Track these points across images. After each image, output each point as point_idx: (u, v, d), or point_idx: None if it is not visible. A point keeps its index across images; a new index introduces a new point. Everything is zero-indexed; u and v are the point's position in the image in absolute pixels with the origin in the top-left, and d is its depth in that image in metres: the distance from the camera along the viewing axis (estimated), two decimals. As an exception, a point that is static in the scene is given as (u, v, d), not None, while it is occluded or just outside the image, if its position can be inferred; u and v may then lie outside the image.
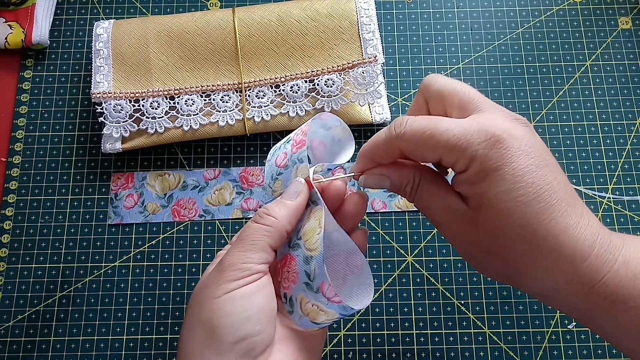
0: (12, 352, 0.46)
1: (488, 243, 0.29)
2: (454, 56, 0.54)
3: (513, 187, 0.28)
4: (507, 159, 0.28)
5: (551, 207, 0.28)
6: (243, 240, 0.31)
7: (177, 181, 0.51)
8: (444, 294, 0.48)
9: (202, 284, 0.32)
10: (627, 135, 0.52)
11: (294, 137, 0.34)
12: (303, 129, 0.34)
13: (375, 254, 0.49)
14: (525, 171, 0.28)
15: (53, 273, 0.48)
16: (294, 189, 0.33)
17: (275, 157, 0.35)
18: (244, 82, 0.49)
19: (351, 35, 0.50)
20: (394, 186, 0.32)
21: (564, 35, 0.55)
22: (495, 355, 0.46)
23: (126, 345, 0.47)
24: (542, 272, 0.28)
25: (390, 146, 0.31)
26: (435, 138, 0.28)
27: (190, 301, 0.32)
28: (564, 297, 0.29)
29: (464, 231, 0.30)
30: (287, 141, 0.35)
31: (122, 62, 0.50)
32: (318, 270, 0.31)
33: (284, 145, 0.35)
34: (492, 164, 0.28)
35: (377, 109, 0.51)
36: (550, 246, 0.28)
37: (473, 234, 0.30)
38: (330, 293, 0.31)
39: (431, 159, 0.30)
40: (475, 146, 0.28)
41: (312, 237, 0.32)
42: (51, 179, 0.51)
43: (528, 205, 0.28)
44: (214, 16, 0.50)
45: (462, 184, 0.29)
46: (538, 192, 0.28)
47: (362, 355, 0.46)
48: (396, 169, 0.32)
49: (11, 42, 0.53)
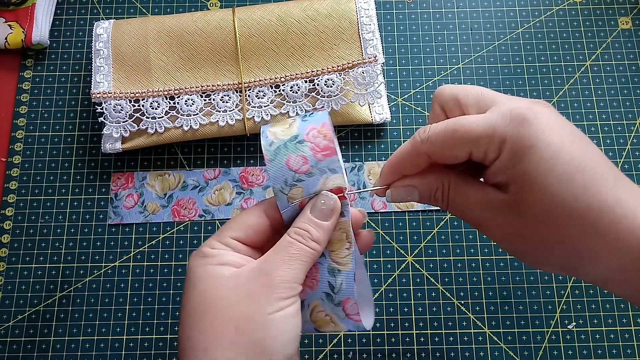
0: (12, 352, 0.46)
1: (538, 231, 0.28)
2: (454, 56, 0.54)
3: (553, 162, 0.27)
4: (538, 134, 0.27)
5: (598, 180, 0.26)
6: (293, 259, 0.31)
7: (177, 181, 0.51)
8: (444, 294, 0.48)
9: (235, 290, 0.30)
10: (627, 135, 0.52)
11: (312, 140, 0.31)
12: (321, 131, 0.32)
13: (375, 254, 0.49)
14: (560, 146, 0.27)
15: (53, 273, 0.48)
16: (329, 208, 0.31)
17: (285, 158, 0.31)
18: (244, 82, 0.49)
19: (351, 35, 0.50)
20: (423, 196, 0.31)
21: (564, 35, 0.55)
22: (495, 355, 0.46)
23: (126, 345, 0.47)
24: (604, 252, 0.27)
25: (416, 154, 0.31)
26: (461, 132, 0.28)
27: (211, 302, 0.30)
28: (631, 277, 0.27)
29: (510, 224, 0.28)
30: (299, 142, 0.31)
31: (122, 62, 0.50)
32: (346, 285, 0.31)
33: (296, 146, 0.31)
34: (524, 141, 0.27)
35: (377, 109, 0.51)
36: (607, 221, 0.26)
37: (520, 224, 0.28)
38: (353, 310, 0.31)
39: (461, 156, 0.29)
40: (503, 128, 0.27)
41: (341, 251, 0.31)
42: (51, 179, 0.51)
43: (573, 180, 0.26)
44: (214, 16, 0.50)
45: (499, 172, 0.28)
46: (580, 165, 0.27)
47: (362, 355, 0.46)
48: (423, 177, 0.31)
49: (11, 42, 0.53)
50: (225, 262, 0.31)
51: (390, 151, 0.51)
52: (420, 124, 0.52)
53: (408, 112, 0.53)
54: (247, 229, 0.33)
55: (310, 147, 0.31)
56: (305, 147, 0.31)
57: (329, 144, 0.31)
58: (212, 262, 0.31)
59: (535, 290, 0.48)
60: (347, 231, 0.32)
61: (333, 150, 0.31)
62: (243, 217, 0.33)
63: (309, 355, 0.46)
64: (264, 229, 0.33)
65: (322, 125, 0.32)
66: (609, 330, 0.47)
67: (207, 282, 0.31)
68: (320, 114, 0.33)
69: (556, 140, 0.27)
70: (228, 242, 0.32)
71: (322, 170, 0.31)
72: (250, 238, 0.33)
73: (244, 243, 0.33)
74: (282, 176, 0.31)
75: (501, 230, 0.29)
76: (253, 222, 0.33)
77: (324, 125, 0.32)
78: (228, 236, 0.32)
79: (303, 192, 0.31)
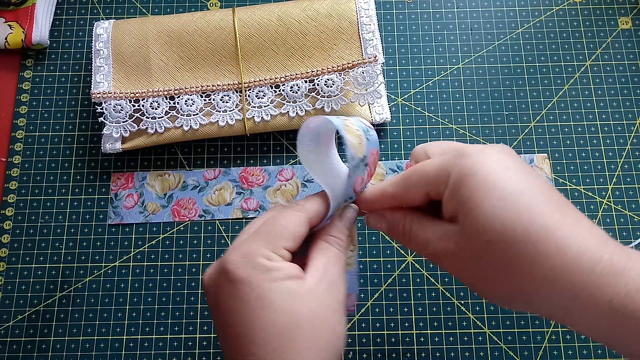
0: (12, 352, 0.46)
1: (485, 261, 0.28)
2: (454, 56, 0.54)
3: (492, 185, 0.27)
4: (479, 164, 0.28)
5: (536, 207, 0.27)
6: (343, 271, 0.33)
7: (177, 181, 0.51)
8: (444, 294, 0.48)
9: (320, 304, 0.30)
10: (627, 135, 0.52)
11: (371, 165, 0.33)
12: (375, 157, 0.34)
13: (375, 254, 0.49)
14: (501, 173, 0.28)
15: (53, 273, 0.48)
16: (353, 219, 0.35)
17: (355, 178, 0.33)
18: (244, 82, 0.49)
19: (351, 35, 0.50)
20: (389, 227, 0.34)
21: (564, 35, 0.55)
22: (495, 355, 0.46)
23: (126, 345, 0.47)
24: (544, 284, 0.26)
25: (383, 196, 0.33)
26: (416, 174, 0.31)
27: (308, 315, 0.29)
28: (577, 316, 0.26)
29: (462, 256, 0.29)
30: (365, 164, 0.33)
31: (122, 62, 0.50)
32: (350, 283, 0.34)
33: (364, 169, 0.33)
34: (465, 170, 0.28)
35: (377, 109, 0.51)
36: (545, 250, 0.26)
37: (470, 254, 0.28)
38: (351, 303, 0.34)
39: (419, 196, 0.32)
40: (448, 162, 0.29)
41: (347, 252, 0.34)
42: (51, 179, 0.51)
43: (509, 205, 0.27)
44: (214, 16, 0.50)
45: (447, 203, 0.29)
46: (518, 191, 0.27)
47: (362, 355, 0.46)
48: (393, 212, 0.34)
49: (11, 42, 0.53)
50: (291, 275, 0.30)
51: (390, 151, 0.51)
52: (420, 124, 0.52)
53: (408, 112, 0.53)
54: (298, 239, 0.31)
55: (368, 173, 0.33)
56: (366, 171, 0.33)
57: (373, 171, 0.34)
58: (280, 277, 0.29)
59: (535, 290, 0.48)
60: (353, 235, 0.35)
61: (372, 176, 0.34)
62: (292, 226, 0.31)
63: (309, 355, 0.46)
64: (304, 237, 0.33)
65: (376, 152, 0.34)
66: (609, 330, 0.47)
67: (286, 299, 0.29)
68: (375, 136, 0.34)
69: (498, 169, 0.28)
70: (283, 255, 0.30)
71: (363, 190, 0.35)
72: (297, 247, 0.32)
73: (291, 252, 0.31)
74: (348, 194, 0.34)
75: (455, 261, 0.30)
76: (303, 233, 0.32)
77: (377, 153, 0.34)
78: (282, 247, 0.30)
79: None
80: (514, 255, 0.26)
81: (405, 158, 0.51)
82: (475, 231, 0.27)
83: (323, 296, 0.30)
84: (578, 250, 0.26)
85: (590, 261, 0.25)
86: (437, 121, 0.52)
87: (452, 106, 0.53)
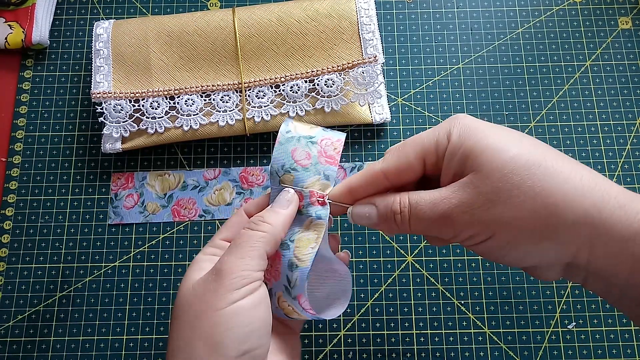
0: (12, 352, 0.46)
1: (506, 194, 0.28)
2: (454, 56, 0.54)
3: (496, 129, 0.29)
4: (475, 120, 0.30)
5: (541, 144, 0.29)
6: (240, 247, 0.31)
7: (177, 181, 0.51)
8: (444, 294, 0.48)
9: (193, 291, 0.31)
10: (627, 135, 0.52)
11: (323, 146, 0.34)
12: (334, 144, 0.35)
13: (375, 254, 0.49)
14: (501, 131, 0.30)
15: (53, 273, 0.48)
16: (286, 198, 0.33)
17: (293, 147, 0.34)
18: (244, 82, 0.49)
19: (351, 35, 0.50)
20: (382, 211, 0.32)
21: (564, 35, 0.55)
22: (495, 355, 0.46)
23: (126, 345, 0.47)
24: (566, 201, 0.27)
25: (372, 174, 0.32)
26: (409, 141, 0.31)
27: (179, 309, 0.31)
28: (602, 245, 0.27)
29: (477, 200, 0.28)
30: (312, 142, 0.35)
31: (122, 62, 0.50)
32: (299, 282, 0.32)
33: (308, 144, 0.34)
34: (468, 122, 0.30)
35: (377, 109, 0.51)
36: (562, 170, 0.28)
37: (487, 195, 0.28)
38: (306, 305, 0.32)
39: (415, 163, 0.31)
40: (444, 125, 0.31)
41: (305, 248, 0.32)
42: (51, 179, 0.51)
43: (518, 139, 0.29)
44: (214, 16, 0.50)
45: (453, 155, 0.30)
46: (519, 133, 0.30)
47: (362, 355, 0.46)
48: (382, 195, 0.32)
49: (11, 42, 0.53)
50: (203, 267, 0.32)
51: (390, 151, 0.51)
52: (420, 124, 0.52)
53: (408, 112, 0.53)
54: (231, 228, 0.35)
55: (318, 150, 0.34)
56: (314, 147, 0.34)
57: (335, 155, 0.34)
58: (193, 268, 0.33)
59: (535, 290, 0.48)
60: (319, 233, 0.33)
61: (336, 162, 0.34)
62: (228, 220, 0.36)
63: (309, 355, 0.46)
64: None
65: (337, 140, 0.35)
66: (609, 330, 0.47)
67: (181, 289, 0.32)
68: (339, 133, 0.36)
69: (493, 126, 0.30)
70: (217, 244, 0.34)
71: (318, 171, 0.34)
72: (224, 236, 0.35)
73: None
74: (283, 160, 0.34)
75: (470, 210, 0.29)
76: (236, 221, 0.35)
77: (338, 141, 0.35)
78: (217, 238, 0.35)
79: (293, 180, 0.34)
80: (537, 178, 0.27)
81: (405, 158, 0.51)
82: (492, 168, 0.28)
83: (201, 282, 0.31)
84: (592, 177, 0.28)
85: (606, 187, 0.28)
86: (437, 121, 0.52)
87: (452, 106, 0.53)
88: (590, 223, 0.27)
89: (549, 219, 0.27)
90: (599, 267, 0.28)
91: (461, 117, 0.30)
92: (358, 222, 0.33)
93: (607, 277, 0.28)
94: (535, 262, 0.30)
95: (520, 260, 0.30)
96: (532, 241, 0.28)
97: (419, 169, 0.31)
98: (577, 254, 0.28)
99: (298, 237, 0.33)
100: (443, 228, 0.30)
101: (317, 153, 0.34)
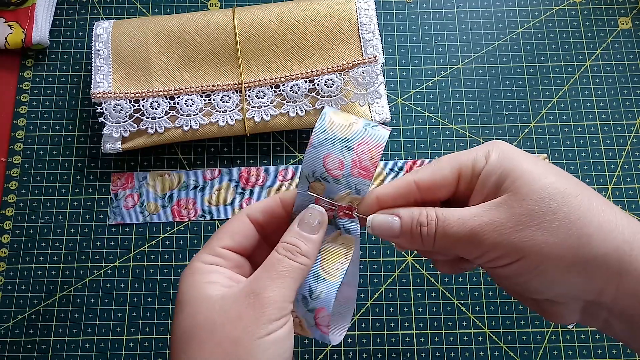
0: (12, 352, 0.46)
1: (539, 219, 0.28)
2: (454, 56, 0.54)
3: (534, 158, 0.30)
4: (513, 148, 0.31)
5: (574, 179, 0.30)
6: (282, 277, 0.29)
7: (177, 181, 0.51)
8: (444, 294, 0.48)
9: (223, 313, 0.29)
10: (627, 135, 0.52)
11: (359, 154, 0.31)
12: (372, 150, 0.31)
13: (375, 254, 0.49)
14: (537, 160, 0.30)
15: (53, 273, 0.48)
16: (316, 221, 0.31)
17: (326, 152, 0.31)
18: (244, 82, 0.49)
19: (351, 35, 0.50)
20: (405, 224, 0.31)
21: (564, 35, 0.55)
22: (495, 355, 0.46)
23: (126, 345, 0.47)
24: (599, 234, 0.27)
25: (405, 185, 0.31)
26: (448, 157, 0.31)
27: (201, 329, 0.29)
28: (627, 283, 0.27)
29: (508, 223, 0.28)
30: (348, 148, 0.31)
31: (122, 62, 0.50)
32: (325, 295, 0.30)
33: (343, 149, 0.31)
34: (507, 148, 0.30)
35: (377, 109, 0.51)
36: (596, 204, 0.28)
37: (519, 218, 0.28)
38: (324, 322, 0.31)
39: (450, 178, 0.31)
40: (483, 146, 0.31)
41: (334, 262, 0.31)
42: (51, 179, 0.51)
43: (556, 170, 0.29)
44: (214, 16, 0.50)
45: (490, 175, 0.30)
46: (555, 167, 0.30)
47: (362, 355, 0.46)
48: (406, 208, 0.31)
49: (11, 42, 0.53)
50: (215, 280, 0.30)
51: (390, 151, 0.51)
52: (420, 124, 0.52)
53: (408, 112, 0.53)
54: (234, 235, 0.32)
55: (352, 159, 0.31)
56: (349, 155, 0.31)
57: (371, 167, 0.31)
58: (201, 280, 0.30)
59: (535, 290, 0.48)
60: (348, 247, 0.32)
61: (370, 174, 0.31)
62: (228, 224, 0.33)
63: (309, 355, 0.46)
64: (251, 234, 0.32)
65: (376, 146, 0.31)
66: (609, 330, 0.47)
67: (195, 305, 0.29)
68: (382, 132, 0.32)
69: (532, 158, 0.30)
70: (219, 252, 0.31)
71: (349, 184, 0.31)
72: (240, 244, 0.32)
73: (235, 251, 0.32)
74: (314, 166, 0.31)
75: (500, 230, 0.28)
76: (239, 228, 0.32)
77: (377, 147, 0.31)
78: (217, 246, 0.32)
79: (324, 191, 0.31)
80: (573, 207, 0.28)
81: (405, 158, 0.51)
82: (530, 190, 0.28)
83: (233, 303, 0.29)
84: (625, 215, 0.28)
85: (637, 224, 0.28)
86: (437, 121, 0.52)
87: (452, 106, 0.53)
88: (621, 259, 0.27)
89: (581, 249, 0.27)
90: (626, 306, 0.28)
91: (500, 143, 0.31)
92: (378, 232, 0.31)
93: (633, 317, 0.28)
94: (558, 294, 0.29)
95: (543, 290, 0.29)
96: (560, 270, 0.28)
97: (453, 184, 0.31)
98: (603, 291, 0.28)
99: (326, 248, 0.32)
100: (469, 246, 0.29)
101: (352, 162, 0.31)
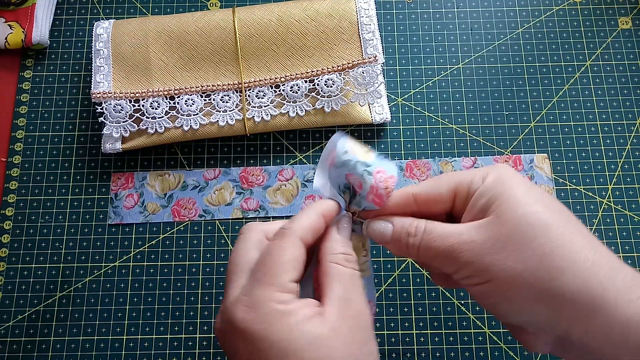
0: (12, 352, 0.46)
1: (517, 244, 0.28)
2: (454, 56, 0.54)
3: (529, 184, 0.30)
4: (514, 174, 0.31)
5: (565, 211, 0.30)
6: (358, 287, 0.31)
7: (177, 181, 0.51)
8: (444, 294, 0.48)
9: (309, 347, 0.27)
10: (627, 135, 0.52)
11: (376, 180, 0.32)
12: (387, 181, 0.32)
13: (375, 254, 0.49)
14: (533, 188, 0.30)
15: (53, 273, 0.48)
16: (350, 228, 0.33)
17: (349, 173, 0.32)
18: (244, 82, 0.49)
19: (351, 35, 0.50)
20: (397, 230, 0.32)
21: (564, 35, 0.55)
22: (495, 355, 0.46)
23: (126, 345, 0.47)
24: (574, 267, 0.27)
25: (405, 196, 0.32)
26: (446, 174, 0.32)
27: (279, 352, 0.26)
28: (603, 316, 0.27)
29: (487, 243, 0.29)
30: (369, 172, 0.32)
31: (122, 62, 0.50)
32: (367, 289, 0.32)
33: (364, 173, 0.32)
34: (505, 171, 0.31)
35: (377, 109, 0.51)
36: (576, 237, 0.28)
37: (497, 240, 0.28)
38: (372, 311, 0.32)
39: (446, 195, 0.32)
40: (483, 168, 0.32)
41: (359, 258, 0.33)
42: (51, 179, 0.51)
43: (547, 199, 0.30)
44: (214, 16, 0.50)
45: (482, 195, 0.30)
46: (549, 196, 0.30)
47: (362, 355, 0.46)
48: (400, 217, 0.33)
49: (11, 42, 0.53)
50: (309, 315, 0.28)
51: (390, 151, 0.51)
52: (420, 124, 0.52)
53: (408, 112, 0.53)
54: (297, 264, 0.30)
55: (371, 185, 0.32)
56: (368, 180, 0.32)
57: (384, 196, 0.32)
58: (299, 321, 0.27)
59: (535, 290, 0.48)
60: (363, 241, 0.34)
61: (382, 203, 0.32)
62: (283, 252, 0.29)
63: (309, 355, 0.46)
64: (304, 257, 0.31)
65: (390, 177, 0.32)
66: (609, 330, 0.47)
67: (312, 348, 0.27)
68: (393, 165, 0.33)
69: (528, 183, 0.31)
70: (292, 289, 0.29)
71: (360, 204, 0.33)
72: (302, 272, 0.30)
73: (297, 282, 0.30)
74: (339, 183, 0.33)
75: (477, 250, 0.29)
76: (298, 254, 0.30)
77: (392, 178, 0.32)
78: (288, 280, 0.29)
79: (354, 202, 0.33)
80: (550, 239, 0.28)
81: (406, 158, 0.51)
82: (511, 216, 0.29)
83: (349, 332, 0.28)
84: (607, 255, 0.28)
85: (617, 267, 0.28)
86: (437, 121, 0.52)
87: (452, 106, 0.53)
88: (592, 300, 0.27)
89: (550, 282, 0.27)
90: (595, 349, 0.27)
91: (501, 167, 0.31)
92: (372, 236, 0.33)
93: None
94: (526, 322, 0.30)
95: (512, 315, 0.30)
96: (527, 299, 0.28)
97: (448, 202, 0.32)
98: (571, 328, 0.28)
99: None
100: (446, 261, 0.30)
101: (370, 188, 0.32)
